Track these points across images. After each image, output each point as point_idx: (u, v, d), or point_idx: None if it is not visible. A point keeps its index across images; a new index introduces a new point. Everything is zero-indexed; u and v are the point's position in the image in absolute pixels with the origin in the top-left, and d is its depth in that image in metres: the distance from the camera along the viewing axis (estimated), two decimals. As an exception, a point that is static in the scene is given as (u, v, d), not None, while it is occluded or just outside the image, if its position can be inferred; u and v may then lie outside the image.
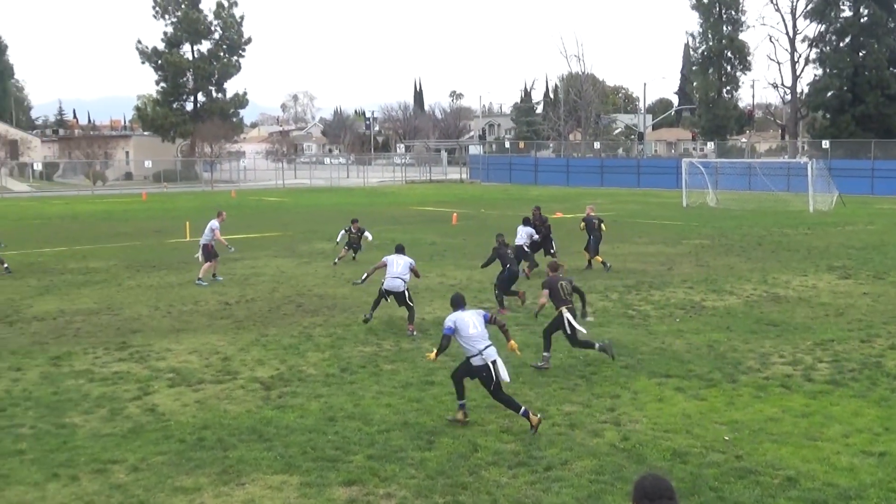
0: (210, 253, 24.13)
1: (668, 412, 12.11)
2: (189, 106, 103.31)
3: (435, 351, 12.17)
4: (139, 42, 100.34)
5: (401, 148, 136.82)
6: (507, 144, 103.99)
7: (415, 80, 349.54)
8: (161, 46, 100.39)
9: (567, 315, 14.51)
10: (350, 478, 9.86)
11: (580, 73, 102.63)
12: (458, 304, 12.32)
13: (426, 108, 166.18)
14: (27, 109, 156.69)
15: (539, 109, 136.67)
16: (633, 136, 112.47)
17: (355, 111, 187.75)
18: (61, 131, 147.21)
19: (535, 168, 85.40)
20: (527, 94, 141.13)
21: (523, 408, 11.39)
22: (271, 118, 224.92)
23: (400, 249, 18.78)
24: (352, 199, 63.64)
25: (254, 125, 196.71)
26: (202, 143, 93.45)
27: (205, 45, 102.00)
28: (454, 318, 11.83)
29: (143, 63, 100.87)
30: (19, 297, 21.94)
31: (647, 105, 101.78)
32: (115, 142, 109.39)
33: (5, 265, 24.85)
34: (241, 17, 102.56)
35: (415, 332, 17.19)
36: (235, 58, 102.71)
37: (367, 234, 28.43)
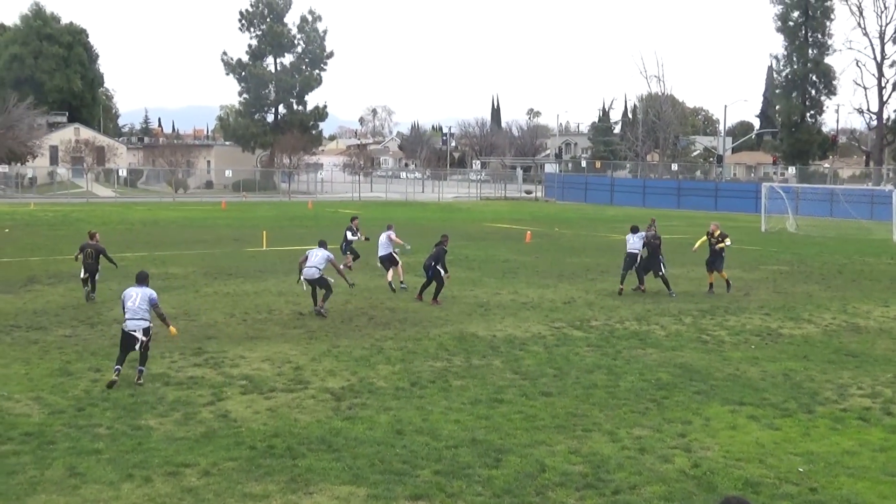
0: (392, 259, 25.53)
1: (740, 440, 11.89)
2: (270, 117, 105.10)
3: None
4: (224, 54, 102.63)
5: (476, 164, 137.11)
6: (584, 164, 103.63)
7: (493, 96, 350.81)
8: (245, 58, 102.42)
9: None
10: (417, 492, 9.87)
11: (660, 93, 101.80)
12: None
13: (503, 125, 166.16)
14: (115, 117, 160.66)
15: (617, 129, 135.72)
16: (711, 159, 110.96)
17: (432, 126, 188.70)
18: (146, 139, 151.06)
19: (611, 188, 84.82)
20: (604, 114, 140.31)
21: None
22: (349, 131, 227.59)
23: (322, 244, 21.24)
24: (426, 213, 63.92)
25: (332, 138, 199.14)
26: (281, 154, 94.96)
27: (287, 58, 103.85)
28: None
29: (227, 74, 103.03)
30: (101, 300, 22.47)
31: (727, 127, 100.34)
32: (197, 151, 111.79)
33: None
34: (324, 32, 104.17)
35: (323, 310, 20.43)
36: (317, 71, 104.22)
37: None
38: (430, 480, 10.21)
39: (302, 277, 20.93)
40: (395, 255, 25.82)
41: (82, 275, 22.62)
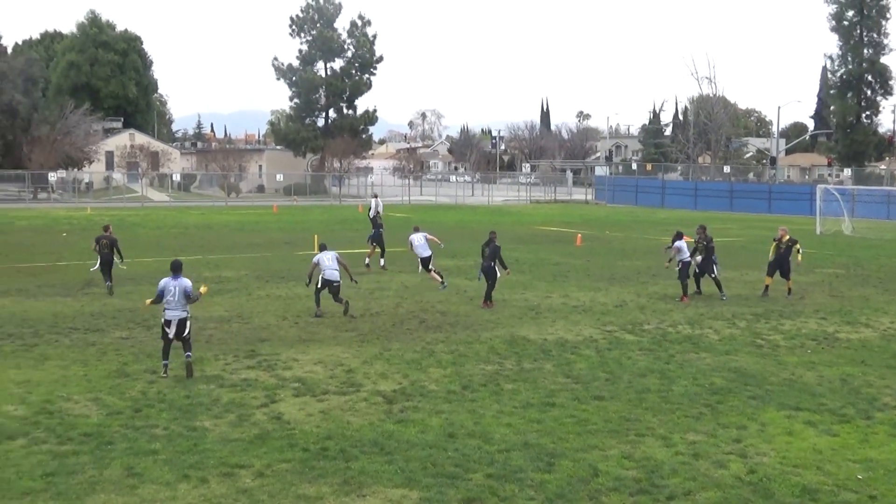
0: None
1: (797, 446, 11.71)
2: (320, 122, 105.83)
3: None
4: (275, 59, 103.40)
5: (526, 167, 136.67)
6: (634, 166, 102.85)
7: (542, 99, 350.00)
8: (296, 64, 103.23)
9: None
10: (469, 496, 9.86)
11: (711, 95, 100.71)
12: None
13: (553, 127, 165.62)
14: (168, 123, 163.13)
15: (668, 131, 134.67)
16: (764, 161, 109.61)
17: (482, 130, 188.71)
18: (199, 144, 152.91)
19: (662, 190, 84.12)
20: (655, 116, 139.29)
21: None
22: (399, 135, 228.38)
23: (323, 247, 21.91)
24: (476, 216, 63.91)
25: (382, 142, 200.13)
26: (332, 158, 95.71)
27: (338, 63, 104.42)
28: None
29: (277, 79, 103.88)
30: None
31: (780, 129, 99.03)
32: (249, 155, 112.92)
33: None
34: (374, 36, 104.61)
35: (348, 308, 21.02)
36: (367, 76, 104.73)
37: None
38: (483, 484, 10.20)
39: (322, 278, 21.08)
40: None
41: (98, 266, 24.84)
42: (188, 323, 15.40)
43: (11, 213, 60.33)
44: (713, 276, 24.47)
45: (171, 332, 15.19)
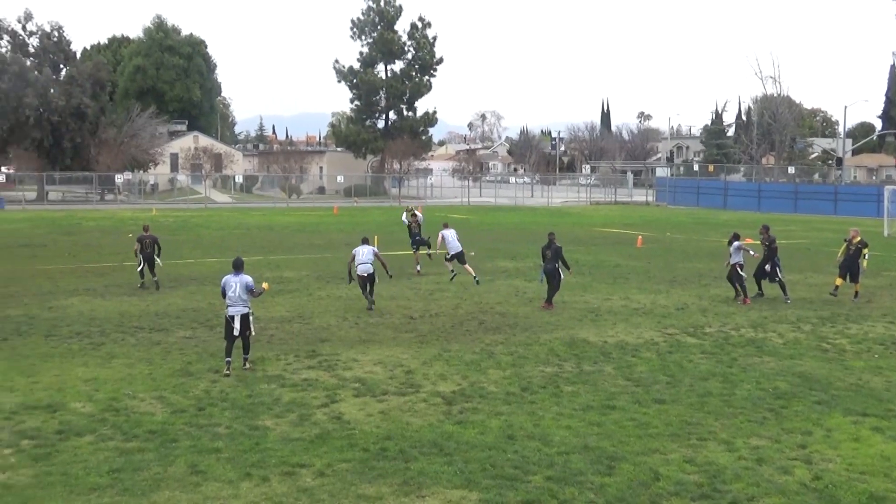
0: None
1: (864, 453, 11.46)
2: (381, 123, 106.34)
3: None
4: (336, 62, 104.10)
5: (586, 168, 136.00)
6: (696, 167, 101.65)
7: (602, 100, 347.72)
8: (356, 66, 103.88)
9: None
10: (528, 498, 9.83)
11: (776, 94, 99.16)
12: None
13: (613, 128, 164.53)
14: (231, 125, 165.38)
15: (730, 132, 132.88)
16: (830, 162, 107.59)
17: (541, 131, 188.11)
18: (261, 146, 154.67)
19: (724, 192, 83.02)
20: (717, 116, 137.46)
21: None
22: (459, 136, 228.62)
23: (364, 241, 22.86)
24: (535, 218, 63.71)
25: (441, 143, 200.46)
26: (392, 160, 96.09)
27: (398, 65, 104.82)
28: None
29: (339, 82, 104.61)
30: (219, 303, 23.06)
31: (846, 129, 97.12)
32: (310, 157, 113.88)
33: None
34: (434, 38, 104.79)
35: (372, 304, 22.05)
36: (427, 77, 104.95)
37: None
38: (542, 486, 10.16)
39: (357, 273, 22.04)
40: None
41: (139, 266, 25.80)
42: (250, 319, 15.74)
43: (79, 214, 61.73)
44: (777, 278, 24.07)
45: (235, 327, 15.56)
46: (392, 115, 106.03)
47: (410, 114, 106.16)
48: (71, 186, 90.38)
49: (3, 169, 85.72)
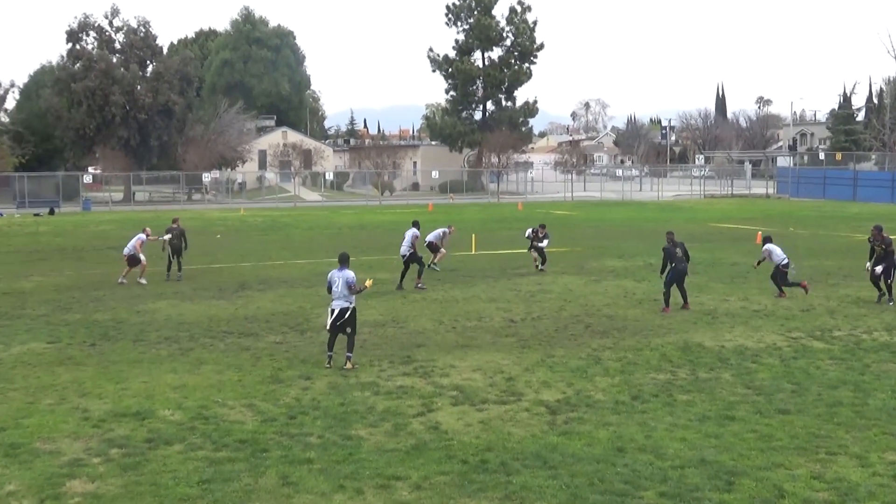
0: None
1: None
2: (478, 115, 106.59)
3: None
4: (430, 50, 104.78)
5: (700, 159, 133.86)
6: (822, 156, 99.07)
7: (717, 84, 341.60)
8: (452, 54, 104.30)
9: None
10: (640, 515, 9.70)
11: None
12: None
13: (729, 115, 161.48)
14: (321, 119, 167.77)
15: (860, 116, 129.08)
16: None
17: (650, 119, 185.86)
18: (352, 141, 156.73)
19: (853, 182, 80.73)
20: (845, 100, 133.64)
21: None
22: (561, 127, 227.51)
23: (415, 224, 27.28)
24: (644, 213, 63.00)
25: (542, 135, 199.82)
26: (489, 153, 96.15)
27: (496, 52, 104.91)
28: None
29: (433, 71, 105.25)
30: (310, 305, 23.48)
31: None
32: (402, 151, 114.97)
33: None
34: (534, 23, 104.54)
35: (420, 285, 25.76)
36: (526, 65, 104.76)
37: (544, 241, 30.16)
38: (655, 503, 10.02)
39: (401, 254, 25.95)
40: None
41: (170, 256, 28.64)
42: (350, 313, 16.45)
43: (167, 215, 63.20)
44: (889, 281, 23.15)
45: (336, 319, 16.39)
46: (490, 105, 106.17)
47: (509, 104, 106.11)
48: (158, 186, 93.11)
49: (90, 169, 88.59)
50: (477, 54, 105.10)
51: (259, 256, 35.82)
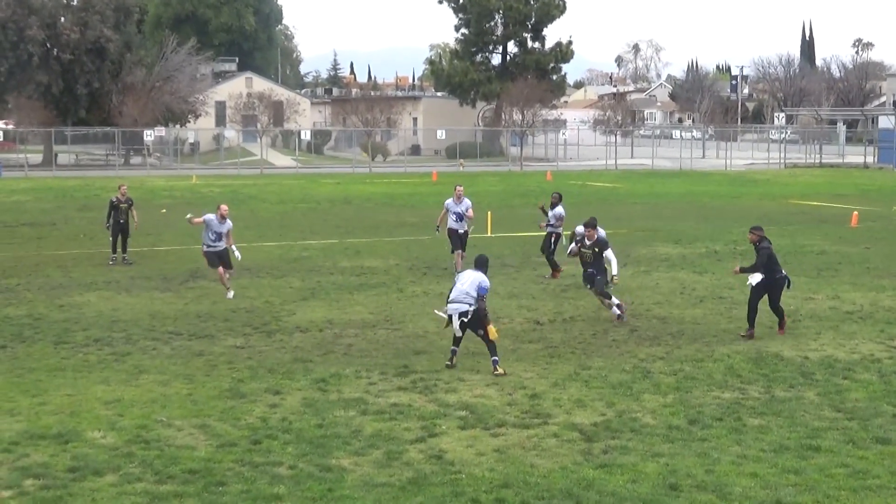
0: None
1: None
2: (496, 59, 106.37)
3: None
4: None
5: (780, 118, 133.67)
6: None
7: (803, 24, 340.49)
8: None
9: None
10: (698, 571, 9.76)
11: None
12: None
13: (818, 63, 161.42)
14: (296, 63, 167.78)
15: None
16: None
17: (717, 67, 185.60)
18: (335, 91, 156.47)
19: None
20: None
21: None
22: (602, 76, 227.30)
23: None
24: (708, 187, 62.96)
25: (579, 85, 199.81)
26: (511, 109, 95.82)
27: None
28: None
29: (440, 2, 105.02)
30: (280, 300, 23.51)
31: None
32: (400, 105, 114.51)
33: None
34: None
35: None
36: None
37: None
38: (717, 556, 10.08)
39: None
40: None
41: (111, 236, 29.25)
42: (473, 314, 17.10)
43: (98, 184, 63.39)
44: None
45: (455, 327, 17.36)
46: (512, 46, 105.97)
47: (537, 45, 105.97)
48: (87, 146, 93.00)
49: (1, 124, 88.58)
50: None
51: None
